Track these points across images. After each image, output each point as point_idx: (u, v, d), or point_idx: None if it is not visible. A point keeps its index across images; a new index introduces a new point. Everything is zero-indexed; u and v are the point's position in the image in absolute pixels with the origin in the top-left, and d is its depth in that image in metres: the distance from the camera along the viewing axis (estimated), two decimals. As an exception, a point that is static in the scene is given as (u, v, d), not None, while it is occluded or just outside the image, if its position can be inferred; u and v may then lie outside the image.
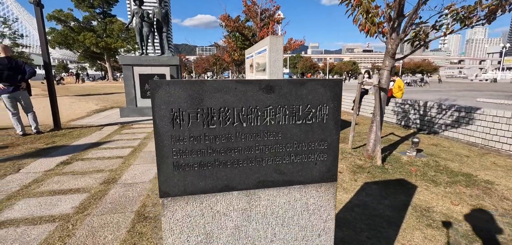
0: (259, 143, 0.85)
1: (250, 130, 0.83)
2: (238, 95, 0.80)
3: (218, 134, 0.81)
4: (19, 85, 5.32)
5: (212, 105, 0.80)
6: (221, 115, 0.81)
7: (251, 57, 5.43)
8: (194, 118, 0.80)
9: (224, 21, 12.52)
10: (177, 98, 0.76)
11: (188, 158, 0.81)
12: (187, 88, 0.76)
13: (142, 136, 5.62)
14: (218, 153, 0.83)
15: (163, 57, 8.26)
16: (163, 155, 0.83)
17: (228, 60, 21.34)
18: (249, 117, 0.82)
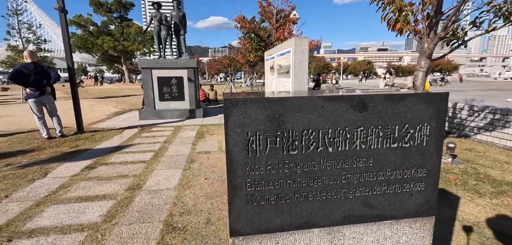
0: (346, 171, 0.70)
1: (336, 156, 0.69)
2: (325, 114, 0.67)
3: (300, 161, 0.68)
4: (44, 89, 5.43)
5: (294, 126, 0.67)
6: (304, 138, 0.67)
7: (272, 59, 5.29)
8: (273, 143, 0.67)
9: (239, 22, 12.46)
10: (254, 120, 0.64)
11: (264, 190, 0.68)
12: (266, 107, 0.64)
13: (162, 139, 5.59)
14: (299, 184, 0.69)
15: (180, 60, 8.27)
16: (236, 186, 0.71)
17: (242, 61, 21.31)
18: (336, 140, 0.69)
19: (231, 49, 22.45)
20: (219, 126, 7.06)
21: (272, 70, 5.33)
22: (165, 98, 8.35)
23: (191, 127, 6.89)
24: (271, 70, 5.44)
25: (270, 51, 5.50)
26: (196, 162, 4.11)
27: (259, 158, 0.69)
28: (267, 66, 5.80)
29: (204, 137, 5.78)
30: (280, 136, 0.68)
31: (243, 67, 25.95)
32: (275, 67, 5.04)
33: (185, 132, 6.34)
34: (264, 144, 0.68)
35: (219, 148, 4.91)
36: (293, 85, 3.91)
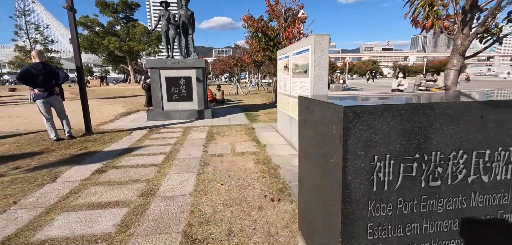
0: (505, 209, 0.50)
1: (494, 188, 0.50)
2: (485, 128, 0.47)
3: (443, 196, 0.49)
4: (53, 90, 5.32)
5: (439, 146, 0.48)
6: (452, 163, 0.48)
7: (286, 58, 5.10)
8: (409, 171, 0.48)
9: (247, 22, 12.29)
10: (385, 137, 0.45)
11: (392, 238, 0.49)
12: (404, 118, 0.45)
13: (172, 141, 5.44)
14: (439, 228, 0.50)
15: (189, 60, 8.12)
16: (352, 234, 0.50)
17: (249, 61, 21.12)
18: (494, 165, 0.49)
19: (237, 48, 22.29)
20: (229, 127, 6.90)
21: (286, 69, 5.13)
22: (174, 98, 8.21)
23: (200, 129, 6.73)
24: (285, 70, 5.25)
25: (284, 50, 5.30)
26: (210, 166, 3.94)
27: (387, 193, 0.50)
28: (280, 65, 5.61)
29: (214, 139, 5.61)
30: (419, 160, 0.49)
31: (249, 67, 25.77)
32: (290, 66, 4.84)
33: (195, 133, 6.18)
34: (396, 173, 0.49)
35: (232, 150, 4.73)
36: (312, 85, 3.71)
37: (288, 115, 5.17)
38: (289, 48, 4.90)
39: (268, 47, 12.35)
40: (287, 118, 5.23)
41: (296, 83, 4.51)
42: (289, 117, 5.09)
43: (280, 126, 6.03)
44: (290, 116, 5.02)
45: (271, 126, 7.01)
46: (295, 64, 4.49)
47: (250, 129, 6.56)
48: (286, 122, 5.33)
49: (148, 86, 9.45)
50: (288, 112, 5.16)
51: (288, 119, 5.19)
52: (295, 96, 4.61)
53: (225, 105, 12.36)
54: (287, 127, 5.30)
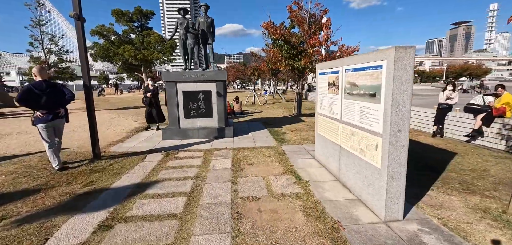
0: None
1: None
2: None
3: None
4: (58, 111, 4.57)
5: None
6: None
7: (334, 74, 4.12)
8: None
9: (268, 28, 11.45)
10: None
11: None
12: None
13: (192, 173, 4.54)
14: None
15: (208, 72, 7.28)
16: None
17: (265, 69, 20.27)
18: None
19: (253, 56, 21.52)
20: (255, 150, 5.95)
21: (333, 87, 4.15)
22: (191, 115, 7.38)
23: (223, 153, 5.82)
24: (330, 88, 4.27)
25: (329, 63, 4.33)
26: (245, 219, 2.99)
27: None
28: (323, 82, 4.63)
29: (242, 169, 4.68)
30: None
31: (265, 75, 24.93)
32: (341, 85, 3.86)
33: (217, 160, 5.27)
34: None
35: (268, 190, 3.77)
36: (388, 115, 2.71)
37: (335, 144, 4.17)
38: (340, 62, 3.92)
39: (290, 56, 11.41)
40: (334, 148, 4.23)
41: (352, 107, 3.52)
42: (337, 147, 4.09)
43: (319, 152, 5.02)
44: (339, 146, 4.01)
45: (304, 148, 6.01)
46: (352, 83, 3.50)
47: (281, 154, 5.59)
48: (332, 151, 4.33)
49: (149, 100, 8.61)
50: (335, 140, 4.17)
51: (335, 149, 4.19)
52: (349, 123, 3.62)
53: (244, 118, 11.46)
54: (333, 158, 4.30)
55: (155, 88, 8.83)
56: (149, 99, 8.59)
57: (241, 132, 8.09)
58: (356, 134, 3.43)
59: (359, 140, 3.37)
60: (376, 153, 2.96)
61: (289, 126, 9.15)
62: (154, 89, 8.73)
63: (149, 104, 8.65)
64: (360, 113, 3.31)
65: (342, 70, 3.80)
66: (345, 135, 3.79)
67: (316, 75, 4.99)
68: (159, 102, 8.97)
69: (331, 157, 4.37)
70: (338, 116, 4.00)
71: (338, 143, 4.06)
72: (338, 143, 4.04)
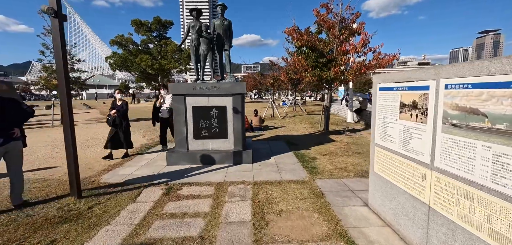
0: None
1: None
2: None
3: None
4: (11, 133, 3.41)
5: None
6: None
7: (419, 90, 2.64)
8: None
9: (292, 34, 10.11)
10: None
11: None
12: None
13: (196, 229, 3.18)
14: None
15: (224, 84, 5.99)
16: None
17: (285, 79, 18.89)
18: None
19: (272, 65, 20.23)
20: (281, 186, 4.52)
21: (415, 111, 2.66)
22: (202, 135, 6.09)
23: (240, 189, 4.43)
24: (407, 111, 2.78)
25: (405, 74, 2.87)
26: None
27: None
28: (389, 100, 3.15)
29: (267, 223, 3.27)
30: None
31: (285, 85, 23.56)
32: (434, 109, 2.37)
33: (233, 203, 3.89)
34: None
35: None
36: None
37: (417, 200, 2.66)
38: (432, 71, 2.45)
39: (317, 65, 9.95)
40: (413, 205, 2.72)
41: (467, 151, 2.02)
42: (422, 207, 2.58)
43: (377, 201, 3.50)
44: (427, 206, 2.50)
45: (348, 187, 4.49)
46: (468, 110, 2.01)
47: (318, 196, 4.11)
48: (408, 209, 2.81)
49: (113, 121, 6.50)
50: (417, 194, 2.66)
51: (415, 208, 2.68)
52: (457, 176, 2.12)
53: (263, 135, 10.05)
54: (411, 220, 2.78)
55: (123, 104, 6.72)
56: (113, 120, 6.50)
57: (262, 156, 6.68)
58: (481, 201, 1.91)
59: (488, 213, 1.86)
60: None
61: (318, 147, 7.63)
62: (122, 106, 6.65)
63: (113, 124, 6.52)
64: (493, 165, 1.81)
65: (438, 85, 2.32)
66: (444, 193, 2.27)
67: (375, 90, 3.51)
68: (128, 123, 6.83)
69: (406, 217, 2.84)
70: (426, 157, 2.50)
71: (424, 200, 2.55)
72: (425, 201, 2.52)
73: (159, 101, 7.25)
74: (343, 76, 9.94)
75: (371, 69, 9.62)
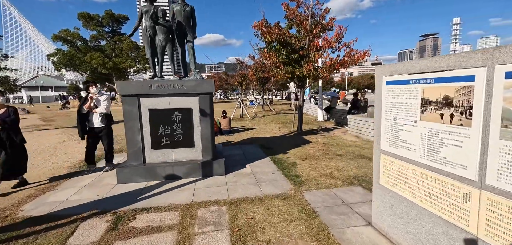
0: None
1: None
2: None
3: None
4: None
5: None
6: None
7: (453, 82, 2.01)
8: None
9: (261, 29, 9.36)
10: None
11: None
12: None
13: (156, 288, 2.18)
14: None
15: (188, 82, 4.98)
16: None
17: (253, 78, 18.16)
18: None
19: (239, 64, 19.34)
20: (264, 204, 3.69)
21: (449, 109, 2.03)
22: (163, 144, 4.99)
23: (213, 214, 3.50)
24: (438, 109, 2.15)
25: (435, 61, 2.22)
26: None
27: None
28: (409, 95, 2.50)
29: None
30: None
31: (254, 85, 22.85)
32: (495, 106, 1.73)
33: (205, 237, 2.96)
34: None
35: None
36: None
37: (453, 226, 2.05)
38: (481, 56, 1.81)
39: (290, 62, 9.35)
40: (448, 231, 2.11)
41: None
42: (467, 236, 1.95)
43: (387, 221, 2.87)
44: (474, 237, 1.87)
45: (341, 200, 3.83)
46: None
47: (310, 216, 3.37)
48: (438, 235, 2.19)
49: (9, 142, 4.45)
50: (453, 220, 2.05)
51: (453, 236, 2.06)
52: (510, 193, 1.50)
53: (234, 139, 9.15)
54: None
55: (10, 111, 4.54)
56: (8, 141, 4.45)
57: (235, 164, 5.79)
58: None
59: None
60: None
61: (295, 151, 6.98)
62: (8, 114, 4.50)
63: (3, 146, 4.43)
64: None
65: (491, 74, 1.68)
66: (509, 223, 1.65)
67: (379, 85, 2.86)
68: (23, 139, 4.75)
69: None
70: (470, 172, 1.87)
71: (467, 229, 1.92)
72: (471, 230, 1.90)
73: (87, 105, 5.24)
74: (316, 72, 9.48)
75: (346, 66, 9.31)
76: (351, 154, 6.40)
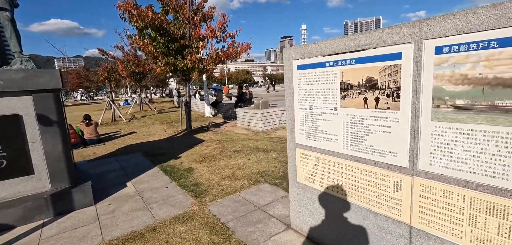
0: None
1: None
2: None
3: None
4: None
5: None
6: None
7: (375, 61, 1.83)
8: None
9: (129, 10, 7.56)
10: None
11: None
12: None
13: None
14: None
15: (10, 72, 3.12)
16: None
17: (125, 73, 15.31)
18: None
19: (104, 55, 15.75)
20: (159, 236, 2.73)
21: (384, 94, 1.86)
22: (-39, 181, 2.92)
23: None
24: (361, 93, 1.95)
25: (354, 40, 1.98)
26: None
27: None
28: (326, 80, 2.22)
29: None
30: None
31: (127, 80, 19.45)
32: (425, 85, 1.60)
33: None
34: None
35: None
36: None
37: (384, 218, 1.92)
38: (408, 30, 1.65)
39: (170, 52, 8.19)
40: (378, 224, 1.97)
41: (483, 144, 1.36)
42: (399, 227, 1.86)
43: (309, 221, 2.61)
44: (407, 226, 1.78)
45: (248, 201, 3.38)
46: (492, 80, 1.31)
47: (220, 233, 2.72)
48: (369, 229, 2.04)
49: None
50: (383, 211, 1.93)
51: (384, 228, 1.94)
52: (444, 176, 1.46)
53: (105, 149, 7.12)
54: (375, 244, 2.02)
55: None
56: None
57: (111, 185, 4.30)
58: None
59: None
60: None
61: (189, 153, 6.09)
62: None
63: None
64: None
65: (420, 50, 1.55)
66: (442, 209, 1.57)
67: (289, 70, 2.51)
68: None
69: (367, 242, 2.05)
70: (401, 159, 1.74)
71: (400, 219, 1.81)
72: (403, 219, 1.79)
73: None
74: (202, 65, 8.77)
75: (231, 58, 9.09)
76: (248, 148, 6.19)
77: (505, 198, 1.34)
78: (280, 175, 4.31)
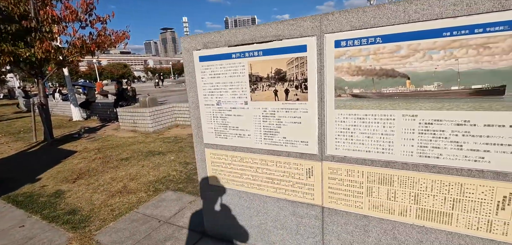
0: None
1: None
2: None
3: None
4: None
5: None
6: None
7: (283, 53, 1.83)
8: None
9: None
10: None
11: None
12: None
13: None
14: None
15: None
16: None
17: None
18: None
19: None
20: None
21: (293, 86, 1.90)
22: None
23: None
24: (271, 86, 1.93)
25: (260, 30, 1.91)
26: None
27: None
28: (234, 72, 2.06)
29: None
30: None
31: None
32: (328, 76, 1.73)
33: None
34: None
35: None
36: None
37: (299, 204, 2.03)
38: (310, 23, 1.72)
39: (6, 37, 5.92)
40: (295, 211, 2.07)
41: (375, 125, 1.62)
42: (313, 209, 1.99)
43: (226, 222, 2.47)
44: (319, 207, 1.93)
45: (151, 217, 2.89)
46: (380, 71, 1.56)
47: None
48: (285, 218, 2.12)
49: None
50: (298, 198, 2.03)
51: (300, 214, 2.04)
52: (347, 158, 1.72)
53: None
54: (294, 230, 2.14)
55: None
56: None
57: None
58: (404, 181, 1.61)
59: (415, 192, 1.60)
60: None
61: (54, 171, 4.63)
62: None
63: None
64: (421, 137, 1.52)
65: (322, 43, 1.66)
66: (347, 186, 1.78)
67: (188, 63, 2.22)
68: None
69: (284, 230, 2.12)
70: (311, 147, 1.85)
71: (313, 202, 1.94)
72: (316, 202, 1.93)
73: None
74: (61, 55, 6.83)
75: (102, 48, 7.53)
76: (139, 153, 5.35)
77: (390, 169, 1.63)
78: (183, 178, 3.92)
